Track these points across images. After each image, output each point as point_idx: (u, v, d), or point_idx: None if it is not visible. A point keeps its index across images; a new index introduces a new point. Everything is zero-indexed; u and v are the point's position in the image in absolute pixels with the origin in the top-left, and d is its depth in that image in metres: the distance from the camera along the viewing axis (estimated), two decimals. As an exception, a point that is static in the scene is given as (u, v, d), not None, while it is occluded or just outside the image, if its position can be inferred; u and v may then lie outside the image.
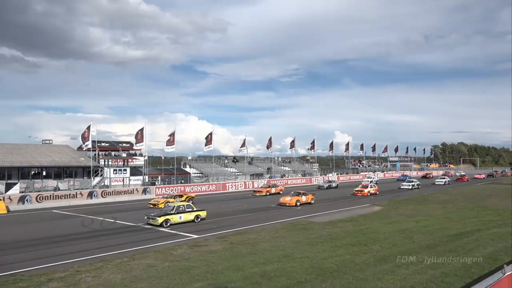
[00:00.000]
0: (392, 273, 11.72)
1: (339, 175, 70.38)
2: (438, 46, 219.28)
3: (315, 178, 63.61)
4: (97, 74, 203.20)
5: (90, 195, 36.34)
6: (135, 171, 49.35)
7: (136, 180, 47.77)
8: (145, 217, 22.14)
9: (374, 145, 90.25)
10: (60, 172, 44.79)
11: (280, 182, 52.52)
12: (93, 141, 45.33)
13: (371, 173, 74.91)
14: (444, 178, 57.95)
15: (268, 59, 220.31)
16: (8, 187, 38.02)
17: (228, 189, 49.29)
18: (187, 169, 59.83)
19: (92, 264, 13.09)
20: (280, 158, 79.15)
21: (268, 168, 66.67)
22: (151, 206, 30.98)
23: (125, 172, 48.17)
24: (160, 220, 21.05)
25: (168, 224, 21.11)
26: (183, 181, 51.45)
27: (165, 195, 34.12)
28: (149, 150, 53.95)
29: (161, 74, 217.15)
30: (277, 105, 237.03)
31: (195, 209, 23.05)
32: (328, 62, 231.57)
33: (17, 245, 17.16)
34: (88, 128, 42.19)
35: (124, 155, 50.86)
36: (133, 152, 52.36)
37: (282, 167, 72.97)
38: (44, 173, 43.62)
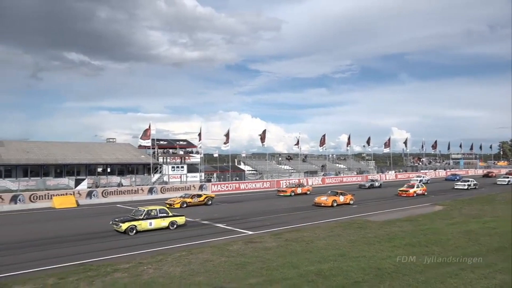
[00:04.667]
0: (456, 276, 11.13)
1: (397, 173, 67.88)
2: (503, 36, 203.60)
3: (371, 176, 61.86)
4: (156, 75, 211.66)
5: (150, 191, 37.99)
6: (192, 168, 50.88)
7: (193, 177, 49.24)
8: (110, 222, 19.68)
9: (435, 142, 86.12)
10: (123, 169, 47.33)
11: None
12: (152, 140, 47.38)
13: (424, 171, 70.40)
14: (508, 177, 51.56)
15: (320, 55, 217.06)
16: (77, 182, 40.93)
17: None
18: (242, 166, 60.66)
19: (153, 257, 13.70)
20: (334, 155, 77.89)
21: (322, 166, 65.87)
22: (167, 206, 28.46)
23: (182, 169, 49.82)
24: (124, 226, 18.50)
25: (134, 231, 18.60)
26: (237, 178, 52.28)
27: (185, 194, 31.78)
28: (205, 148, 55.38)
29: (215, 73, 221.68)
30: (330, 102, 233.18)
31: (170, 214, 20.39)
32: (383, 57, 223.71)
33: (85, 237, 18.39)
34: (149, 127, 44.25)
35: (181, 152, 52.63)
36: (189, 149, 54.01)
37: (337, 165, 71.73)
38: (108, 170, 46.34)
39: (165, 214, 20.08)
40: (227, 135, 51.25)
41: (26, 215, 26.93)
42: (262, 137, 55.22)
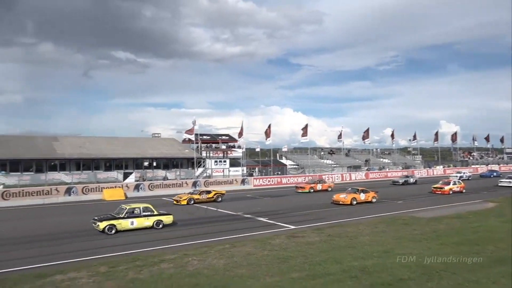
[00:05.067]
0: (510, 276, 10.55)
1: (445, 167, 65.14)
2: None
3: (418, 171, 59.76)
4: (198, 71, 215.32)
5: (194, 184, 38.88)
6: (234, 162, 51.45)
7: (235, 171, 49.82)
8: (91, 221, 18.63)
9: (488, 135, 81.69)
10: (168, 163, 48.71)
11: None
12: (196, 134, 48.43)
13: (463, 168, 65.28)
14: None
15: (363, 47, 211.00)
16: (125, 176, 42.65)
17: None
18: (283, 160, 60.59)
19: (198, 249, 14.05)
20: (378, 149, 75.93)
21: (366, 160, 64.45)
22: (174, 202, 28.62)
23: (225, 163, 50.51)
24: (102, 225, 17.57)
25: (113, 231, 17.61)
26: (279, 172, 52.32)
27: (194, 191, 30.94)
28: (246, 143, 55.84)
29: (257, 68, 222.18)
30: (374, 95, 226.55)
31: (155, 212, 19.11)
32: (430, 47, 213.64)
33: (124, 233, 19.15)
34: (193, 122, 45.42)
35: (223, 147, 53.35)
36: (231, 144, 54.65)
37: (381, 159, 69.90)
38: (154, 164, 47.89)
39: (149, 213, 18.77)
40: (268, 129, 51.39)
41: (79, 207, 28.47)
42: (304, 131, 54.87)
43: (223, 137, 56.07)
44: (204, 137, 53.40)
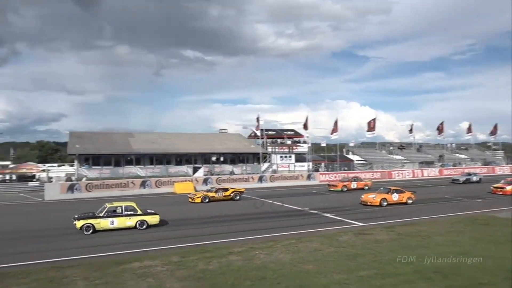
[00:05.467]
0: None
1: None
2: None
3: (499, 168, 55.20)
4: (263, 67, 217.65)
5: (260, 179, 39.41)
6: (300, 157, 51.30)
7: (301, 166, 49.67)
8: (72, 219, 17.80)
9: None
10: (234, 158, 49.80)
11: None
12: (261, 130, 48.97)
13: None
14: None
15: (436, 36, 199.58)
16: (195, 170, 44.45)
17: (394, 177, 46.95)
18: (350, 156, 59.20)
19: (264, 243, 14.23)
20: (454, 144, 71.14)
21: (440, 156, 60.83)
22: (190, 200, 27.61)
23: (290, 158, 50.54)
24: (79, 224, 16.85)
25: (90, 231, 16.83)
26: (346, 168, 51.23)
27: (211, 188, 29.38)
28: (312, 138, 55.28)
29: (322, 62, 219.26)
30: (449, 87, 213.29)
31: (139, 212, 17.97)
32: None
33: (203, 221, 19.94)
34: (258, 118, 45.99)
35: (288, 142, 53.36)
36: (297, 139, 54.48)
37: (457, 155, 65.51)
38: (221, 159, 49.24)
39: (132, 212, 17.76)
40: (335, 124, 50.47)
41: (154, 199, 30.13)
42: (372, 125, 53.09)
43: (288, 132, 56.06)
44: (270, 132, 53.79)
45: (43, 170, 52.43)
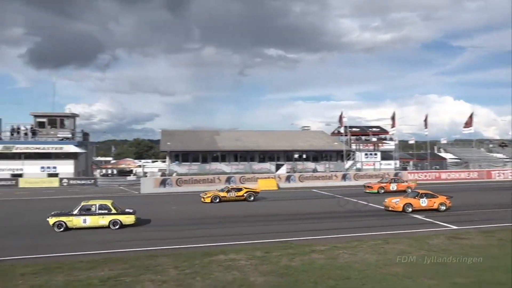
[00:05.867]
0: None
1: None
2: None
3: None
4: (347, 63, 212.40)
5: (344, 177, 38.53)
6: (386, 155, 49.24)
7: (387, 165, 47.63)
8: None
9: None
10: (317, 156, 49.38)
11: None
12: (345, 127, 47.88)
13: None
14: None
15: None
16: (277, 167, 44.95)
17: (494, 178, 42.74)
18: (442, 154, 55.25)
19: (348, 242, 13.91)
20: None
21: (550, 154, 53.98)
22: (202, 200, 26.24)
23: (376, 156, 48.75)
24: (51, 221, 16.80)
25: (62, 228, 16.73)
26: (437, 167, 47.99)
27: (225, 187, 27.80)
28: (399, 135, 52.68)
29: (410, 54, 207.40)
30: None
31: (113, 211, 17.43)
32: None
33: (286, 217, 20.08)
34: (341, 114, 45.08)
35: (374, 139, 51.48)
36: (382, 136, 52.33)
37: None
38: (304, 156, 49.16)
39: (105, 211, 17.38)
40: (425, 120, 47.47)
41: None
42: (468, 121, 48.96)
43: (374, 129, 54.02)
44: (354, 129, 52.37)
45: (139, 166, 57.04)
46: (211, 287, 9.71)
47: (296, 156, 49.41)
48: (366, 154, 48.71)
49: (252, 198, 26.57)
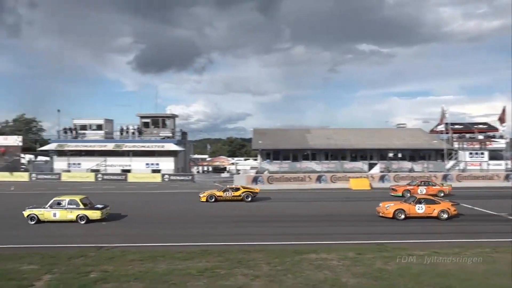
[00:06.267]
0: None
1: None
2: None
3: None
4: (448, 55, 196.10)
5: (445, 178, 35.78)
6: (495, 154, 44.65)
7: (496, 165, 43.17)
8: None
9: None
10: (414, 155, 46.58)
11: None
12: (446, 124, 44.47)
13: None
14: None
15: None
16: (370, 166, 43.34)
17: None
18: None
19: (450, 248, 12.91)
20: None
21: None
22: (200, 199, 25.70)
23: (482, 155, 44.49)
24: (26, 214, 18.02)
25: (34, 221, 17.80)
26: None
27: (229, 188, 26.64)
28: (510, 132, 47.25)
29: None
30: None
31: (81, 206, 18.05)
32: None
33: (370, 218, 19.31)
34: (442, 110, 41.92)
35: (480, 137, 47.02)
36: (490, 134, 47.53)
37: None
38: (399, 155, 46.69)
39: (74, 206, 18.09)
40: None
41: (329, 193, 30.69)
42: None
43: (480, 126, 49.29)
44: (456, 126, 48.37)
45: (232, 163, 59.29)
46: (302, 285, 9.76)
47: (390, 155, 47.12)
48: (470, 153, 44.66)
49: (249, 198, 25.66)
